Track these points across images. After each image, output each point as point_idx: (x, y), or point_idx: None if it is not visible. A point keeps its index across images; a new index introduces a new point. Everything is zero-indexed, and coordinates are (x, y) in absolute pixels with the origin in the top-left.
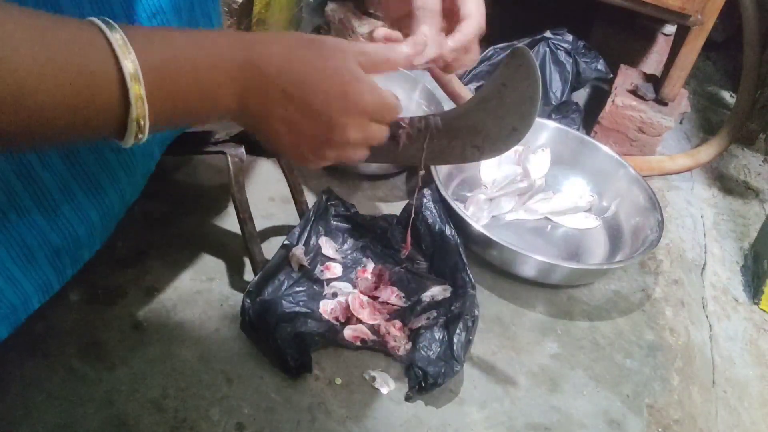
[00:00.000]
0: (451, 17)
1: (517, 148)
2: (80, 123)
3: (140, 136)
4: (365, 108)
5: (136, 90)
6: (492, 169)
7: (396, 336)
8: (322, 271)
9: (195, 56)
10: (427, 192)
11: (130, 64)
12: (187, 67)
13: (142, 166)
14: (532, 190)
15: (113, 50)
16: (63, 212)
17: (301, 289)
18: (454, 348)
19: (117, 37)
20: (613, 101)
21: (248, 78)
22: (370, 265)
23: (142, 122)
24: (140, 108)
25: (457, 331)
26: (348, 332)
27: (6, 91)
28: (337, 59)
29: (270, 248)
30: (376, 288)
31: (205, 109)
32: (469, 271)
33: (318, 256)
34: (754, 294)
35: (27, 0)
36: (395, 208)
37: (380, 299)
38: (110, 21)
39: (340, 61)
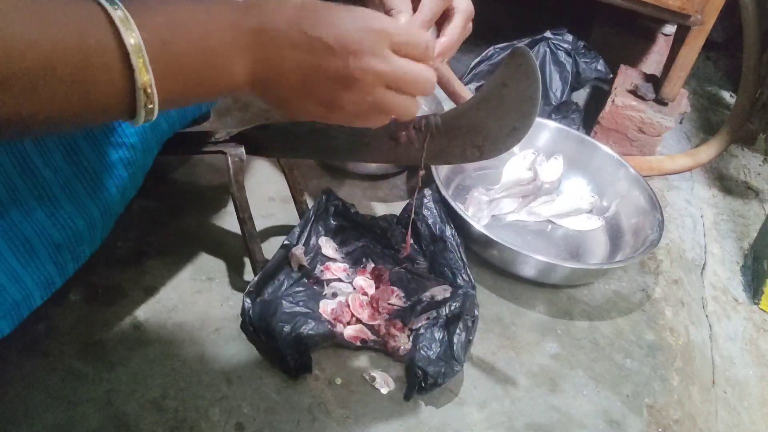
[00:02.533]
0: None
1: (530, 155)
2: (83, 102)
3: (150, 105)
4: (384, 30)
5: (139, 61)
6: (509, 173)
7: (396, 336)
8: (322, 271)
9: (202, 24)
10: (427, 192)
11: (132, 39)
12: (193, 36)
13: (142, 162)
14: (536, 192)
15: (115, 26)
16: (64, 208)
17: (301, 289)
18: (454, 348)
19: (119, 14)
20: (613, 101)
21: (259, 40)
22: (370, 265)
23: (149, 90)
24: (145, 76)
25: (457, 331)
26: (348, 332)
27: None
28: (351, 8)
29: (270, 248)
30: (376, 288)
31: (216, 79)
32: (469, 271)
33: (318, 256)
34: (754, 294)
35: None
36: (395, 208)
37: (380, 299)
38: None
39: (355, 9)
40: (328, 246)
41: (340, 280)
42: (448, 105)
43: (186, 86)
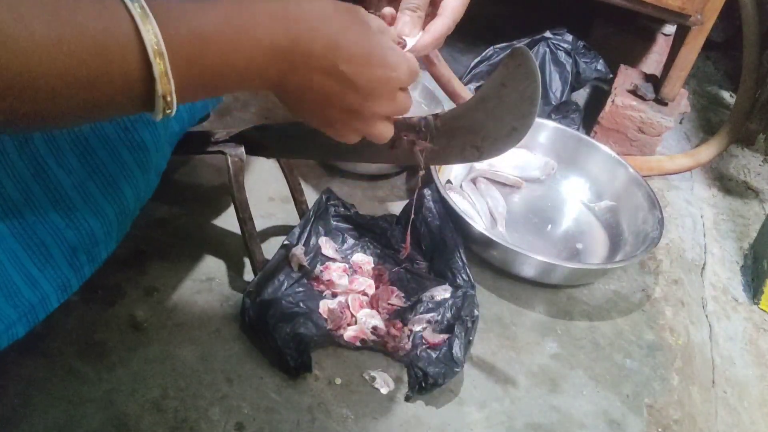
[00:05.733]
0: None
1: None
2: (101, 101)
3: (168, 111)
4: (399, 79)
5: (160, 66)
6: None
7: (396, 336)
8: (321, 271)
9: (231, 41)
10: (427, 192)
11: (151, 36)
12: (217, 43)
13: (156, 163)
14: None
15: (134, 21)
16: (78, 209)
17: (300, 289)
18: (454, 348)
19: (136, 6)
20: (612, 101)
21: (291, 59)
22: (371, 266)
23: (168, 98)
24: (165, 85)
25: (457, 331)
26: (348, 332)
27: (16, 71)
28: (373, 33)
29: (270, 248)
30: (376, 288)
31: (239, 85)
32: (469, 271)
33: (318, 256)
34: (754, 294)
35: None
36: (395, 208)
37: (380, 299)
38: None
39: (377, 35)
40: (328, 246)
41: (339, 280)
42: (448, 105)
43: (206, 92)
